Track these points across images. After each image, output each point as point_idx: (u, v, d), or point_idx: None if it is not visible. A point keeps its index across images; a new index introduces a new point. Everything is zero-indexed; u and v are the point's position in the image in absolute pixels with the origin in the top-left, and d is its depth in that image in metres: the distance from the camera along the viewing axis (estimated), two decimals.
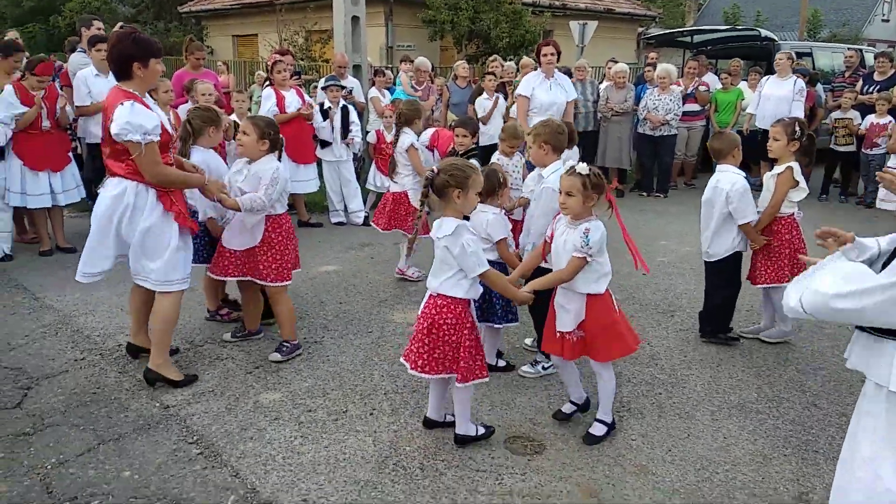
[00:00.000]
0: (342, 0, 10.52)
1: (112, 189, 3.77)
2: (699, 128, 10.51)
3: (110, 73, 6.46)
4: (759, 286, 4.66)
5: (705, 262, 4.60)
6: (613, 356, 3.41)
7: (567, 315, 3.33)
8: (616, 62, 10.57)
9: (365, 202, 8.20)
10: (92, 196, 7.31)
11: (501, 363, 4.29)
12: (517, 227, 4.57)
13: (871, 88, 9.70)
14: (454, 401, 3.35)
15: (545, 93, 6.86)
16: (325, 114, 7.63)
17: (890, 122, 9.05)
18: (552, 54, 6.85)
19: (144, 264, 3.81)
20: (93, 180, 6.87)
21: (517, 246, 4.44)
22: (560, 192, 3.30)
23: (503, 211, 4.29)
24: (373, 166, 8.32)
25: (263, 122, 4.22)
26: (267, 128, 4.19)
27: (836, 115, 9.53)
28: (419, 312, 3.29)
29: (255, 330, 4.60)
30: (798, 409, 3.85)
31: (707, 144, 4.51)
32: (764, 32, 11.53)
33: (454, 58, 17.65)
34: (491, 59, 10.00)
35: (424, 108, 9.19)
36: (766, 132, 8.98)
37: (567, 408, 3.69)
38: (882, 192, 7.16)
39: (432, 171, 3.14)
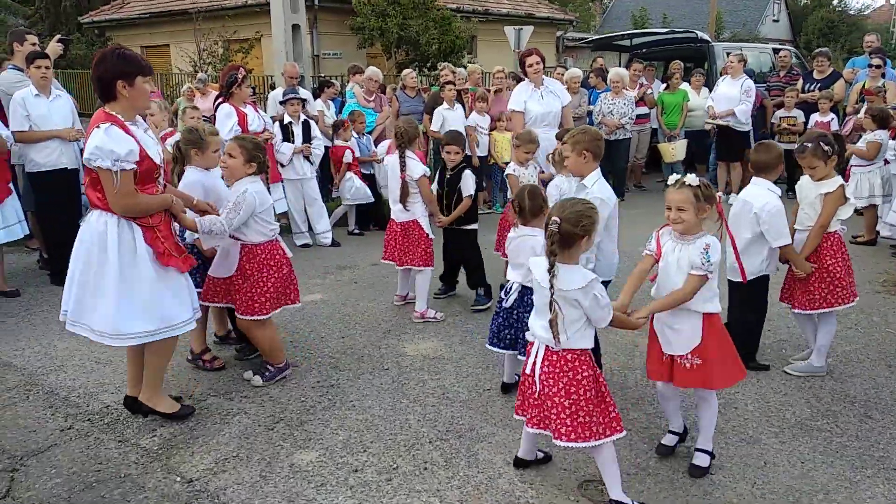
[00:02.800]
0: (281, 7, 10.04)
1: (92, 225, 3.42)
2: (647, 130, 10.60)
3: (53, 93, 5.92)
4: (815, 311, 4.21)
5: (729, 280, 4.32)
6: (733, 381, 3.28)
7: (678, 336, 3.14)
8: (566, 67, 10.50)
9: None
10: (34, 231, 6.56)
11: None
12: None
13: (812, 87, 10.01)
14: (601, 467, 2.98)
15: (537, 103, 6.64)
16: (286, 130, 7.15)
17: (832, 118, 9.36)
18: (537, 63, 6.63)
19: (115, 312, 3.39)
20: (36, 213, 6.17)
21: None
22: (670, 208, 3.12)
23: None
24: (355, 180, 7.84)
25: (252, 144, 3.95)
26: (255, 150, 3.95)
27: (780, 113, 9.77)
28: (533, 370, 2.94)
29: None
30: (855, 422, 3.75)
31: (750, 157, 4.20)
32: (700, 35, 11.76)
33: (383, 66, 17.28)
34: (441, 66, 9.70)
35: (379, 120, 8.90)
36: (721, 131, 9.35)
37: (669, 440, 3.47)
38: (849, 190, 7.28)
39: (556, 221, 2.77)
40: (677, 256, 3.13)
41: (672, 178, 3.15)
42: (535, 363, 2.97)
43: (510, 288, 3.93)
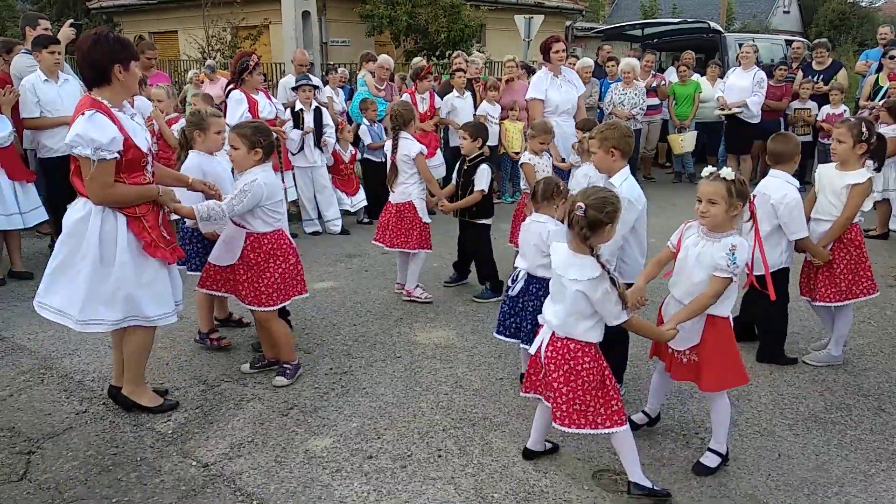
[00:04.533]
0: None
1: (77, 211, 3.36)
2: (658, 121, 10.54)
3: (61, 77, 5.91)
4: (830, 304, 4.18)
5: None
6: (726, 386, 3.13)
7: (681, 332, 3.05)
8: (577, 57, 10.44)
9: None
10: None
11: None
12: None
13: (814, 78, 9.92)
14: (619, 453, 3.00)
15: (556, 92, 6.62)
16: (297, 117, 7.13)
17: (845, 111, 9.28)
18: (563, 50, 6.62)
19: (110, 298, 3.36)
20: (47, 198, 6.18)
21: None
22: (700, 200, 3.00)
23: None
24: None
25: (250, 130, 3.81)
26: (255, 135, 3.79)
27: (795, 105, 9.70)
28: (539, 354, 2.97)
29: (275, 359, 4.14)
30: (869, 416, 3.74)
31: (768, 148, 4.16)
32: (713, 25, 11.68)
33: (392, 54, 17.23)
34: (455, 55, 9.65)
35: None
36: (731, 122, 9.29)
37: (638, 417, 3.51)
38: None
39: (581, 206, 2.74)
40: (698, 251, 3.02)
41: (707, 171, 3.01)
42: (541, 345, 2.99)
43: (517, 276, 3.89)
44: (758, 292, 4.25)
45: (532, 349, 3.08)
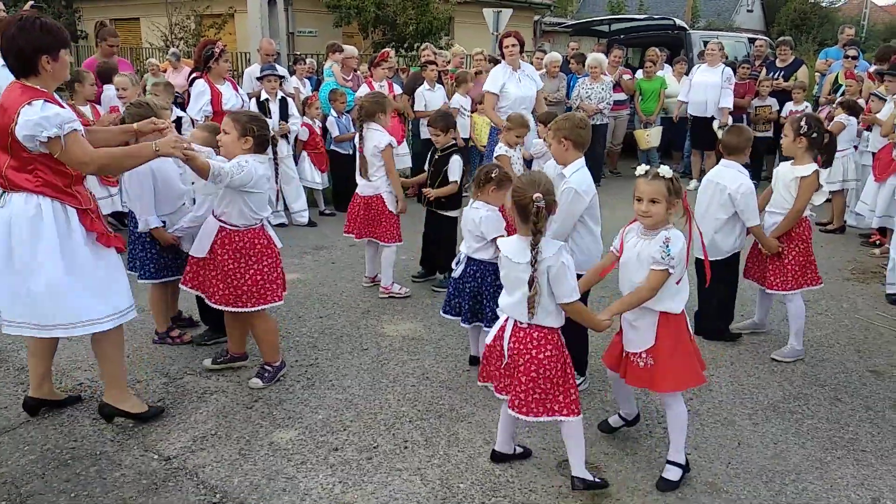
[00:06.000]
0: None
1: (19, 208, 3.02)
2: (624, 116, 10.63)
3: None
4: (778, 292, 4.32)
5: (698, 259, 4.39)
6: (682, 386, 3.06)
7: (635, 334, 3.05)
8: (545, 52, 10.48)
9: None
10: None
11: None
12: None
13: (776, 75, 10.11)
14: (568, 444, 2.98)
15: (515, 86, 6.62)
16: (262, 107, 7.04)
17: (806, 107, 9.48)
18: (514, 45, 6.61)
19: (71, 303, 3.08)
20: None
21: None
22: (640, 200, 2.94)
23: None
24: (306, 161, 7.80)
25: (246, 118, 3.67)
26: (250, 123, 3.62)
27: (755, 102, 9.87)
28: (503, 345, 2.91)
29: (239, 354, 4.08)
30: (825, 405, 3.83)
31: (721, 140, 4.31)
32: (678, 22, 11.82)
33: (359, 45, 17.09)
34: (423, 47, 9.62)
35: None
36: (696, 119, 9.41)
37: (614, 420, 3.49)
38: (822, 175, 7.37)
39: (539, 197, 2.70)
40: (637, 251, 2.99)
41: (641, 169, 2.98)
42: (503, 336, 2.93)
43: (459, 259, 4.05)
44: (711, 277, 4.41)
45: (489, 339, 3.01)
